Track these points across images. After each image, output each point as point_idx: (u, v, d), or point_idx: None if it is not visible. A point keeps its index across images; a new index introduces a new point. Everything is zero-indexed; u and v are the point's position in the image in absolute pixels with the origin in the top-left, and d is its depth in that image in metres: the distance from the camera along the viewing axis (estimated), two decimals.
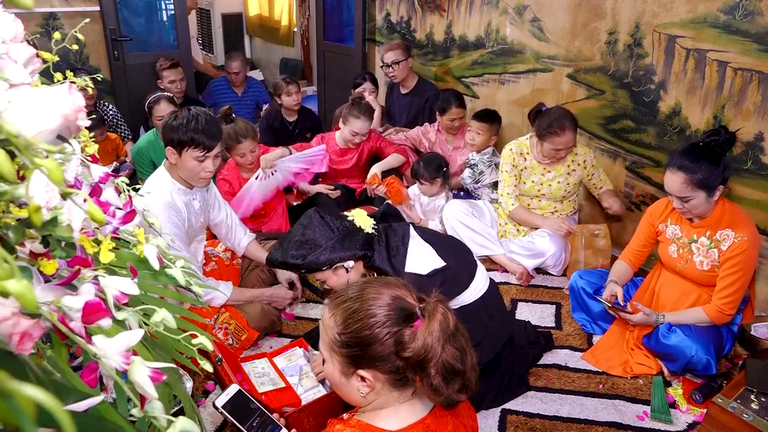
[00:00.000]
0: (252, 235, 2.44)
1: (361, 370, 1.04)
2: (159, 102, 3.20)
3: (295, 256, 1.78)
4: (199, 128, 1.95)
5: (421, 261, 1.83)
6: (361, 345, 1.03)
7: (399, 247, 1.84)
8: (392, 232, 1.89)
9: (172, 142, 1.98)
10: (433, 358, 0.98)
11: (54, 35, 0.97)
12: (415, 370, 1.00)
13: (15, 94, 0.52)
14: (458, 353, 1.01)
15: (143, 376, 0.58)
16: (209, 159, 2.01)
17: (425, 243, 1.89)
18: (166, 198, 2.01)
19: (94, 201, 0.73)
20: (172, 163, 2.03)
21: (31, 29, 3.56)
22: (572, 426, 1.88)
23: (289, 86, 3.78)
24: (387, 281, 1.09)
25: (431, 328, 0.99)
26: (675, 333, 2.01)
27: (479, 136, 3.28)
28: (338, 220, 1.84)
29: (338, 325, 1.06)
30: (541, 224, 2.85)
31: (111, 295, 0.64)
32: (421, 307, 1.04)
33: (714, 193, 1.94)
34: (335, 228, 1.80)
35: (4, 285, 0.42)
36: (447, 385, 1.00)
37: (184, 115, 1.97)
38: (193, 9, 5.37)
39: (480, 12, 3.57)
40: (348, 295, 1.08)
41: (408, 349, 0.99)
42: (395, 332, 1.00)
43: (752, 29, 2.20)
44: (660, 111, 2.63)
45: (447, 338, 1.00)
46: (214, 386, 2.00)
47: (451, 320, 1.02)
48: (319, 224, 1.81)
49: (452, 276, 1.86)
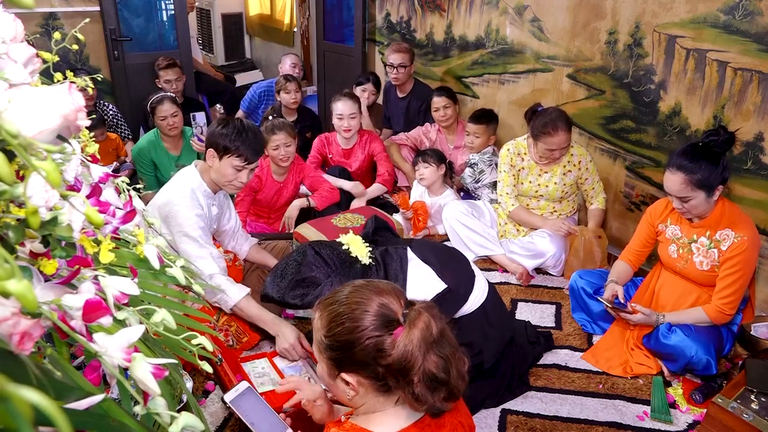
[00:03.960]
0: (253, 240, 2.51)
1: (345, 373, 1.04)
2: (162, 102, 3.20)
3: (293, 296, 1.78)
4: (247, 141, 2.04)
5: (422, 285, 1.82)
6: (342, 349, 1.03)
7: (398, 273, 1.83)
8: (389, 257, 1.87)
9: (216, 146, 2.06)
10: (414, 366, 0.98)
11: (54, 35, 0.97)
12: (397, 377, 1.00)
13: (15, 94, 0.52)
14: (442, 362, 0.99)
15: (145, 373, 0.58)
16: (246, 171, 2.09)
17: (424, 265, 1.88)
18: (191, 192, 2.08)
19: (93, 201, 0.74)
20: (209, 165, 2.10)
21: (31, 29, 3.57)
22: (572, 426, 1.88)
23: (288, 84, 3.78)
24: (378, 287, 1.09)
25: (412, 336, 0.99)
26: (675, 333, 2.01)
27: (478, 138, 3.29)
28: (333, 252, 1.82)
29: (323, 327, 1.07)
30: (541, 225, 2.85)
31: (111, 295, 0.64)
32: (405, 314, 1.03)
33: (713, 193, 1.94)
34: (332, 263, 1.79)
35: (5, 285, 0.42)
36: (431, 394, 0.99)
37: (236, 125, 2.07)
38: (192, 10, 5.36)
39: (480, 12, 3.57)
40: (336, 298, 1.09)
41: (388, 357, 0.99)
42: (375, 338, 1.00)
43: (752, 29, 2.20)
44: (660, 111, 2.63)
45: (429, 346, 0.99)
46: (214, 386, 2.00)
47: (434, 328, 1.01)
48: (315, 261, 1.79)
49: (452, 296, 1.85)
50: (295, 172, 3.08)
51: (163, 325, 0.69)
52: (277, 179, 3.00)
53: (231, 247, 2.46)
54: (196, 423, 0.58)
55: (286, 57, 4.54)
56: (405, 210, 3.18)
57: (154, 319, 0.69)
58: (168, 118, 3.17)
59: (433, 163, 3.15)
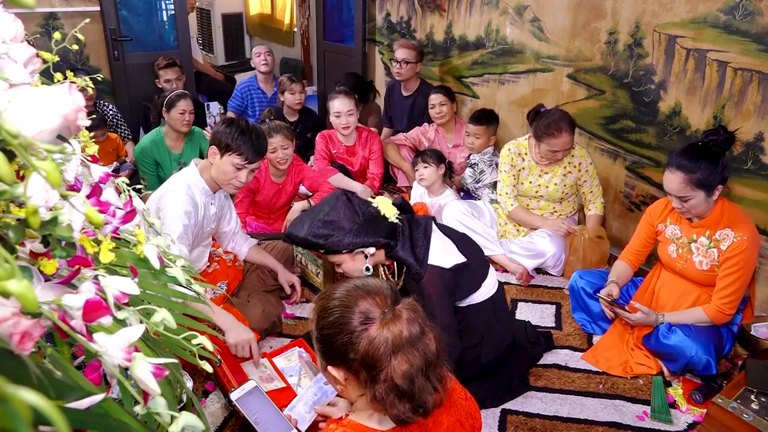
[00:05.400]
0: (253, 242, 2.52)
1: (331, 366, 1.08)
2: (184, 97, 3.23)
3: (317, 236, 1.75)
4: (249, 140, 2.04)
5: (444, 255, 1.82)
6: (326, 342, 1.07)
7: (421, 239, 1.82)
8: (415, 223, 1.87)
9: (219, 143, 2.06)
10: (378, 364, 0.99)
11: (54, 35, 0.97)
12: (364, 374, 1.01)
13: (15, 94, 0.52)
14: (408, 370, 0.99)
15: (145, 372, 0.58)
16: (245, 170, 2.08)
17: (447, 238, 1.89)
18: (187, 188, 2.07)
19: (93, 201, 0.74)
20: (211, 162, 2.11)
21: (31, 29, 3.56)
22: (572, 426, 1.88)
23: (293, 85, 3.79)
24: (371, 286, 1.10)
25: (381, 333, 1.00)
26: (675, 333, 2.01)
27: (478, 139, 3.29)
28: (364, 204, 1.82)
29: (314, 320, 1.11)
30: (541, 225, 2.85)
31: (111, 294, 0.64)
32: (384, 312, 1.04)
33: (713, 192, 1.95)
34: (360, 212, 1.78)
35: (5, 285, 0.42)
36: (398, 401, 0.99)
37: (240, 124, 2.07)
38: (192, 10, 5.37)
39: (480, 12, 3.57)
40: (329, 293, 1.12)
41: (354, 350, 1.01)
42: (351, 333, 1.02)
43: (752, 29, 2.20)
44: (660, 111, 2.63)
45: (397, 348, 0.99)
46: (214, 386, 2.00)
47: (407, 331, 1.01)
48: (345, 206, 1.78)
49: (469, 273, 1.86)
50: (293, 173, 3.08)
51: (163, 325, 0.69)
52: (275, 181, 3.00)
53: (230, 248, 2.46)
54: (197, 423, 0.58)
55: (255, 50, 4.49)
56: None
57: (155, 318, 0.69)
58: (186, 114, 3.21)
59: (432, 163, 3.15)
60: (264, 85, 4.39)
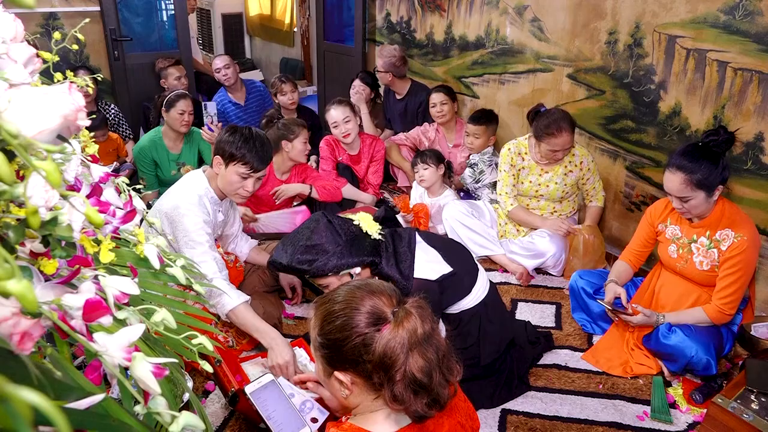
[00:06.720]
0: (253, 242, 2.53)
1: (338, 372, 1.06)
2: (184, 97, 3.23)
3: (301, 261, 1.74)
4: (254, 149, 2.02)
5: (430, 267, 1.83)
6: (333, 347, 1.05)
7: (406, 252, 1.82)
8: (398, 237, 1.88)
9: (222, 152, 2.04)
10: (396, 363, 0.98)
11: (54, 35, 0.97)
12: (380, 375, 1.01)
13: (15, 94, 0.52)
14: (426, 366, 1.00)
15: (145, 372, 0.58)
16: (251, 179, 2.06)
17: (431, 248, 1.89)
18: (198, 199, 2.06)
19: (93, 201, 0.74)
20: (216, 172, 2.09)
21: (31, 29, 3.56)
22: (572, 426, 1.88)
23: (284, 85, 3.78)
24: (372, 287, 1.10)
25: (396, 332, 1.00)
26: (675, 333, 2.01)
27: (477, 139, 3.29)
28: (345, 224, 1.82)
29: (317, 325, 1.09)
30: (540, 224, 2.85)
31: (111, 294, 0.64)
32: (394, 312, 1.04)
33: (713, 193, 1.95)
34: (342, 233, 1.77)
35: (5, 285, 0.42)
36: (413, 397, 0.99)
37: (243, 132, 2.04)
38: (192, 11, 5.37)
39: (480, 12, 3.57)
40: (330, 297, 1.10)
41: (372, 352, 1.00)
42: (363, 335, 1.01)
43: (752, 29, 2.20)
44: (660, 111, 2.63)
45: (413, 346, 1.00)
46: (214, 386, 2.00)
47: (420, 329, 1.02)
48: (327, 228, 1.77)
49: (456, 282, 1.86)
50: (297, 172, 3.08)
51: (163, 325, 0.69)
52: (279, 177, 3.00)
53: (231, 249, 2.47)
54: (197, 422, 0.58)
55: (214, 65, 4.21)
56: (405, 213, 3.18)
57: (155, 318, 0.69)
58: (185, 114, 3.21)
59: (432, 163, 3.15)
60: (234, 95, 4.20)
